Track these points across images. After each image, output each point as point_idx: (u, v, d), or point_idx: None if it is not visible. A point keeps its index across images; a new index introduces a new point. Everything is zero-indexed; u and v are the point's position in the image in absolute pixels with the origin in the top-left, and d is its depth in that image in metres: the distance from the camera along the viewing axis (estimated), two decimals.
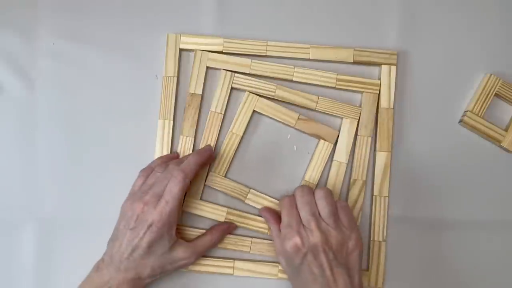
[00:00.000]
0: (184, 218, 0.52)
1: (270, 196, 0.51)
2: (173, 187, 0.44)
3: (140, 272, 0.44)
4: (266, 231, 0.51)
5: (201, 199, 0.51)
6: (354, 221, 0.46)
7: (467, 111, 0.52)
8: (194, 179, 0.51)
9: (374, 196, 0.51)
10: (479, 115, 0.52)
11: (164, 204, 0.43)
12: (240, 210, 0.51)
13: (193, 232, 0.51)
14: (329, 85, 0.51)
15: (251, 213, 0.51)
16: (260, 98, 0.51)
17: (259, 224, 0.51)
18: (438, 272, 0.52)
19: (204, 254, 0.49)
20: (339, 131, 0.51)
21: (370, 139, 0.51)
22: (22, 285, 0.51)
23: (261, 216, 0.51)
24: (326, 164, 0.51)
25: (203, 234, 0.49)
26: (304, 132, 0.52)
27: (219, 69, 0.51)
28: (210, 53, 0.51)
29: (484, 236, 0.53)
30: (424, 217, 0.52)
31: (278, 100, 0.51)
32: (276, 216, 0.49)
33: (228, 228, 0.50)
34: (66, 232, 0.52)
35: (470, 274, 0.52)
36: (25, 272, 0.51)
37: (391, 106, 0.51)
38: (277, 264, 0.51)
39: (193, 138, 0.51)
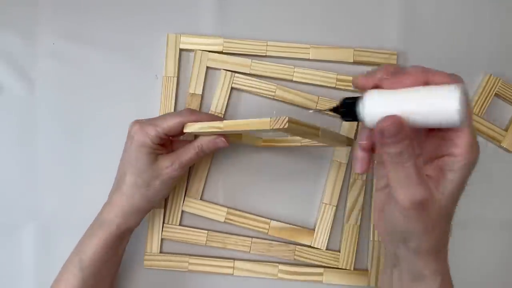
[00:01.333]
0: (184, 218, 0.52)
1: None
2: (170, 117, 0.43)
3: (130, 196, 0.44)
4: (266, 231, 0.51)
5: (201, 199, 0.51)
6: None
7: None
8: (194, 179, 0.51)
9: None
10: (479, 115, 0.52)
11: (152, 126, 0.43)
12: (240, 210, 0.51)
13: (193, 233, 0.51)
14: (329, 85, 0.51)
15: (251, 213, 0.51)
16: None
17: (259, 224, 0.51)
18: None
19: (189, 164, 0.45)
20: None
21: None
22: (22, 285, 0.51)
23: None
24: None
25: (183, 145, 0.46)
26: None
27: (219, 69, 0.51)
28: (210, 53, 0.51)
29: (484, 236, 0.53)
30: None
31: (277, 99, 0.51)
32: None
33: (215, 142, 0.44)
34: (66, 232, 0.52)
35: (470, 274, 0.52)
36: (25, 272, 0.51)
37: None
38: (277, 264, 0.51)
39: (193, 138, 0.51)
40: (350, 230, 0.51)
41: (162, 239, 0.51)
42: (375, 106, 0.32)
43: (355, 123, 0.51)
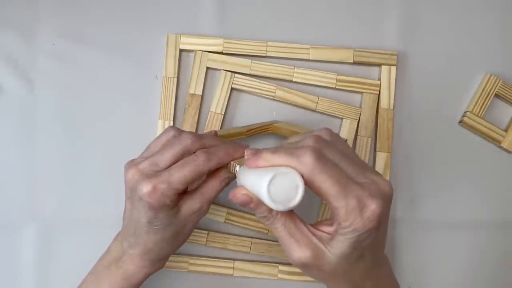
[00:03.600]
0: None
1: None
2: (185, 169, 0.36)
3: (150, 249, 0.40)
4: (266, 231, 0.51)
5: None
6: None
7: (467, 111, 0.52)
8: None
9: None
10: (479, 115, 0.52)
11: (163, 183, 0.36)
12: (240, 211, 0.51)
13: (193, 233, 0.51)
14: (329, 85, 0.51)
15: (251, 213, 0.51)
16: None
17: (259, 225, 0.51)
18: (438, 272, 0.52)
19: (215, 199, 0.41)
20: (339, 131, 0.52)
21: (370, 139, 0.51)
22: (22, 285, 0.51)
23: None
24: None
25: (205, 180, 0.41)
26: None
27: (219, 70, 0.51)
28: (210, 53, 0.51)
29: (484, 236, 0.53)
30: (424, 217, 0.52)
31: (278, 100, 0.51)
32: None
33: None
34: (66, 232, 0.52)
35: (470, 274, 0.52)
36: (25, 272, 0.51)
37: (391, 106, 0.51)
38: (277, 265, 0.51)
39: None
40: None
41: None
42: (239, 181, 0.36)
43: (355, 124, 0.51)
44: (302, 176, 0.30)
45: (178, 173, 0.36)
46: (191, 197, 0.39)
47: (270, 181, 0.29)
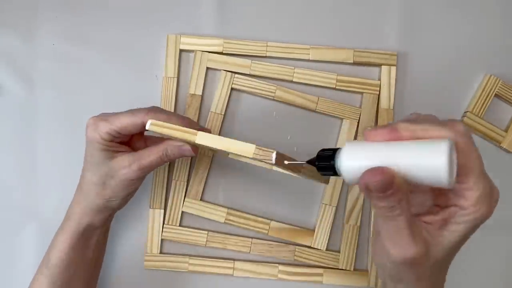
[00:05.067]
0: (184, 219, 0.52)
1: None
2: (123, 116, 0.40)
3: (84, 191, 0.43)
4: (266, 231, 0.51)
5: (201, 199, 0.51)
6: None
7: (467, 111, 0.52)
8: (194, 179, 0.51)
9: None
10: (479, 115, 0.52)
11: (105, 122, 0.40)
12: (240, 211, 0.51)
13: (193, 233, 0.51)
14: (329, 86, 0.51)
15: (251, 214, 0.51)
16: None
17: (259, 225, 0.51)
18: None
19: (150, 167, 0.42)
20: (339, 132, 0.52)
21: None
22: (23, 285, 0.51)
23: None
24: None
25: (147, 147, 0.44)
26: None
27: (219, 70, 0.51)
28: (210, 53, 0.51)
29: (484, 236, 0.52)
30: None
31: (277, 100, 0.52)
32: None
33: (181, 149, 0.42)
34: None
35: (470, 274, 0.52)
36: (26, 272, 0.51)
37: (391, 106, 0.51)
38: (277, 265, 0.51)
39: None
40: (350, 231, 0.51)
41: (162, 240, 0.51)
42: (354, 160, 0.29)
43: (355, 124, 0.51)
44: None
45: (117, 116, 0.41)
46: (128, 154, 0.42)
47: (449, 153, 0.25)
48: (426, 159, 0.26)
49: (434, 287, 0.32)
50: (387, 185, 0.27)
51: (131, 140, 0.45)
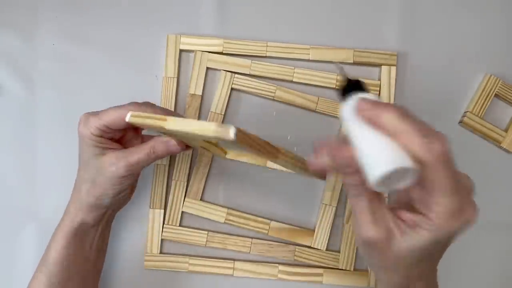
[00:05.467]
0: (184, 219, 0.52)
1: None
2: (111, 110, 0.41)
3: (78, 189, 0.43)
4: (266, 231, 0.51)
5: (201, 199, 0.51)
6: None
7: (467, 111, 0.52)
8: (194, 179, 0.51)
9: None
10: (479, 115, 0.52)
11: (95, 117, 0.41)
12: (240, 211, 0.51)
13: (193, 233, 0.51)
14: (329, 85, 0.51)
15: (251, 214, 0.51)
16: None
17: (259, 225, 0.51)
18: (438, 272, 0.52)
19: (138, 165, 0.41)
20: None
21: None
22: (23, 285, 0.51)
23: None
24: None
25: (136, 144, 0.44)
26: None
27: (219, 70, 0.51)
28: (210, 53, 0.51)
29: (484, 236, 0.53)
30: None
31: (278, 101, 0.52)
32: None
33: (167, 144, 0.41)
34: None
35: (470, 275, 0.52)
36: (25, 272, 0.51)
37: None
38: (277, 265, 0.51)
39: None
40: (350, 231, 0.51)
41: (162, 240, 0.51)
42: (347, 113, 0.31)
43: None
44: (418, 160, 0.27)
45: (106, 110, 0.41)
46: (117, 151, 0.42)
47: (384, 175, 0.26)
48: (369, 164, 0.28)
49: (406, 281, 0.33)
50: (346, 164, 0.29)
51: (126, 138, 0.45)
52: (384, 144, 0.28)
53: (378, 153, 0.28)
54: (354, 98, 0.31)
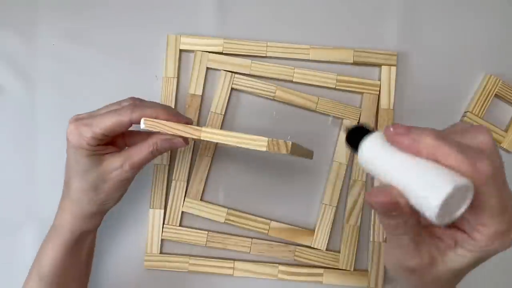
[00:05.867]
0: (184, 219, 0.52)
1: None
2: (107, 117, 0.38)
3: (73, 200, 0.41)
4: (266, 231, 0.51)
5: (201, 199, 0.51)
6: None
7: (467, 111, 0.52)
8: (194, 179, 0.51)
9: None
10: (479, 115, 0.52)
11: (88, 127, 0.38)
12: (240, 211, 0.51)
13: (193, 233, 0.51)
14: (329, 86, 0.51)
15: (251, 214, 0.51)
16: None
17: (259, 225, 0.51)
18: None
19: (142, 164, 0.41)
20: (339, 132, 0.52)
21: None
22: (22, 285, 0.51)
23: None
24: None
25: (135, 143, 0.42)
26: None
27: (219, 70, 0.51)
28: (210, 53, 0.51)
29: None
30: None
31: (277, 100, 0.52)
32: None
33: (172, 142, 0.41)
34: None
35: (469, 275, 0.52)
36: (25, 272, 0.51)
37: (391, 107, 0.51)
38: (277, 265, 0.51)
39: (193, 140, 0.51)
40: (350, 231, 0.51)
41: (162, 240, 0.51)
42: (370, 153, 0.29)
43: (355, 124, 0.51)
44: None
45: (100, 118, 0.38)
46: (117, 154, 0.40)
47: (446, 198, 0.23)
48: (423, 193, 0.25)
49: None
50: (391, 208, 0.26)
51: (112, 138, 0.43)
52: (433, 169, 0.25)
53: (431, 178, 0.25)
54: (375, 135, 0.29)
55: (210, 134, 0.37)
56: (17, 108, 0.52)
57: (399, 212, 0.26)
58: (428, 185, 0.25)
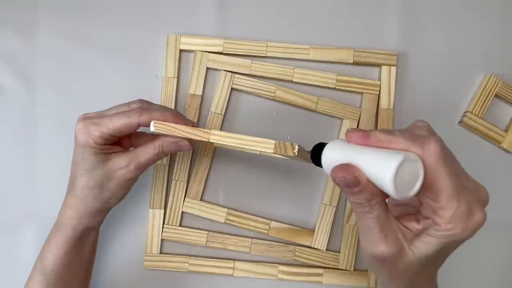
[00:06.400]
0: (184, 219, 0.52)
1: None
2: (116, 118, 0.39)
3: (77, 197, 0.42)
4: (266, 231, 0.51)
5: (201, 200, 0.51)
6: None
7: (467, 111, 0.52)
8: (194, 179, 0.51)
9: None
10: (479, 115, 0.52)
11: (96, 126, 0.39)
12: (240, 211, 0.51)
13: (193, 233, 0.51)
14: (329, 86, 0.51)
15: (251, 214, 0.51)
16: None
17: (259, 225, 0.51)
18: (437, 272, 0.52)
19: (147, 165, 0.42)
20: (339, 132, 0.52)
21: None
22: (23, 285, 0.51)
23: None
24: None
25: (141, 144, 0.43)
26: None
27: (219, 70, 0.51)
28: (210, 53, 0.51)
29: (484, 236, 0.52)
30: None
31: (278, 100, 0.52)
32: None
33: (179, 145, 0.42)
34: None
35: (470, 275, 0.52)
36: (25, 272, 0.51)
37: (391, 107, 0.51)
38: (277, 265, 0.51)
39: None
40: (350, 231, 0.51)
41: (162, 240, 0.51)
42: (331, 154, 0.33)
43: (355, 124, 0.51)
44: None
45: (109, 119, 0.39)
46: (123, 154, 0.42)
47: (398, 166, 0.26)
48: (378, 169, 0.28)
49: (411, 286, 0.33)
50: (351, 182, 0.29)
51: (122, 138, 0.44)
52: (385, 150, 0.29)
53: (383, 156, 0.28)
54: (332, 141, 0.34)
55: (218, 136, 0.38)
56: (17, 108, 0.52)
57: (361, 189, 0.29)
58: (381, 161, 0.28)
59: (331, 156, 0.33)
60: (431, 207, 0.29)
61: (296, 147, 0.36)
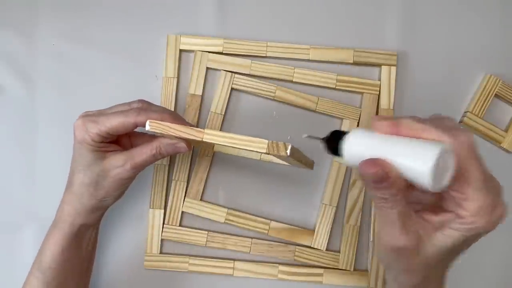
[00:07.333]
0: (184, 219, 0.52)
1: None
2: (114, 116, 0.40)
3: (74, 193, 0.42)
4: (266, 231, 0.51)
5: (201, 199, 0.51)
6: None
7: (467, 111, 0.52)
8: (194, 179, 0.51)
9: None
10: (479, 115, 0.52)
11: (94, 124, 0.40)
12: (240, 211, 0.51)
13: (193, 233, 0.51)
14: (329, 86, 0.51)
15: (251, 214, 0.51)
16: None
17: (259, 225, 0.51)
18: None
19: (143, 165, 0.42)
20: None
21: None
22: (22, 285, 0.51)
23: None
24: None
25: (139, 145, 0.43)
26: None
27: (219, 70, 0.51)
28: (210, 53, 0.51)
29: (484, 237, 0.52)
30: None
31: (279, 100, 0.51)
32: None
33: (176, 147, 0.42)
34: None
35: (470, 274, 0.52)
36: (25, 272, 0.51)
37: (391, 107, 0.51)
38: (277, 265, 0.51)
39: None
40: (350, 231, 0.51)
41: (162, 240, 0.51)
42: (356, 145, 0.31)
43: (355, 124, 0.51)
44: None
45: (107, 117, 0.40)
46: (120, 153, 0.42)
47: (438, 157, 0.25)
48: (414, 161, 0.27)
49: (425, 281, 0.33)
50: (382, 178, 0.28)
51: (118, 137, 0.44)
52: (418, 141, 0.27)
53: (418, 148, 0.27)
54: (354, 131, 0.31)
55: (211, 136, 0.37)
56: (17, 108, 0.52)
57: (389, 184, 0.28)
58: (417, 154, 0.26)
59: (357, 148, 0.31)
60: (455, 200, 0.28)
61: (289, 147, 0.36)
